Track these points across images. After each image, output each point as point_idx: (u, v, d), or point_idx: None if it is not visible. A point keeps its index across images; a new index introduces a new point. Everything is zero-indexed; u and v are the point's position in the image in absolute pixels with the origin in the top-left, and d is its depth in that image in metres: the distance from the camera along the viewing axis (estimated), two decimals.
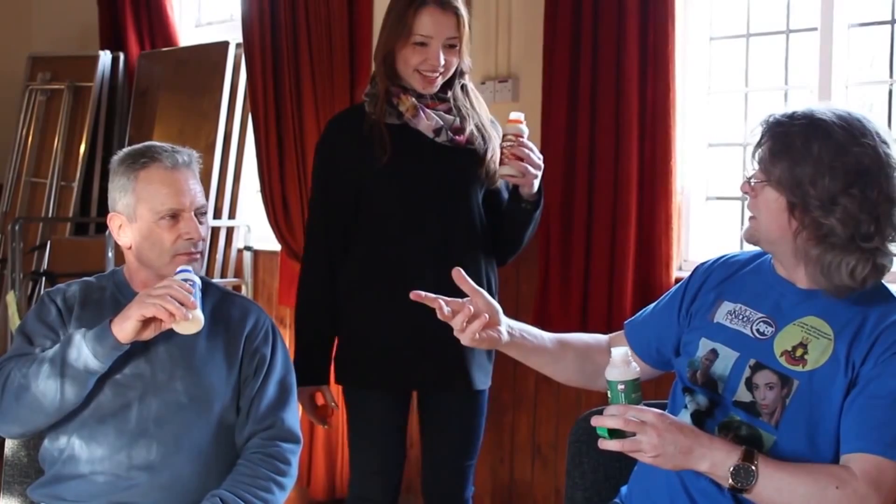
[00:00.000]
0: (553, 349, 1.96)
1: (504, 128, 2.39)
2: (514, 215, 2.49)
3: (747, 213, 1.79)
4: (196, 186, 2.07)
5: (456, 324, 1.79)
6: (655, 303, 2.03)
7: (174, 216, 2.02)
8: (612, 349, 1.68)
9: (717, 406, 1.77)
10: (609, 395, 1.67)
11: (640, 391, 1.68)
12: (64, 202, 5.03)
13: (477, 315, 1.79)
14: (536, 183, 2.40)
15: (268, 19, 3.99)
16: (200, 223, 2.06)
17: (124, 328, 1.90)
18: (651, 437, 1.60)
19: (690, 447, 1.61)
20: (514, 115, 2.36)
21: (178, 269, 1.99)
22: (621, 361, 1.67)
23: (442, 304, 1.79)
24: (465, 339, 1.80)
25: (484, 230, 2.52)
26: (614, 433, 1.63)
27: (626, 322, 2.06)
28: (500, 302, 1.90)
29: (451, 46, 2.40)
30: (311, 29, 3.84)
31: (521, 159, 2.33)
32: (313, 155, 2.56)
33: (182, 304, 1.88)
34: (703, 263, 1.97)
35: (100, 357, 1.91)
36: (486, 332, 1.81)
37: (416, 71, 2.39)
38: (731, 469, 1.60)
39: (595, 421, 1.65)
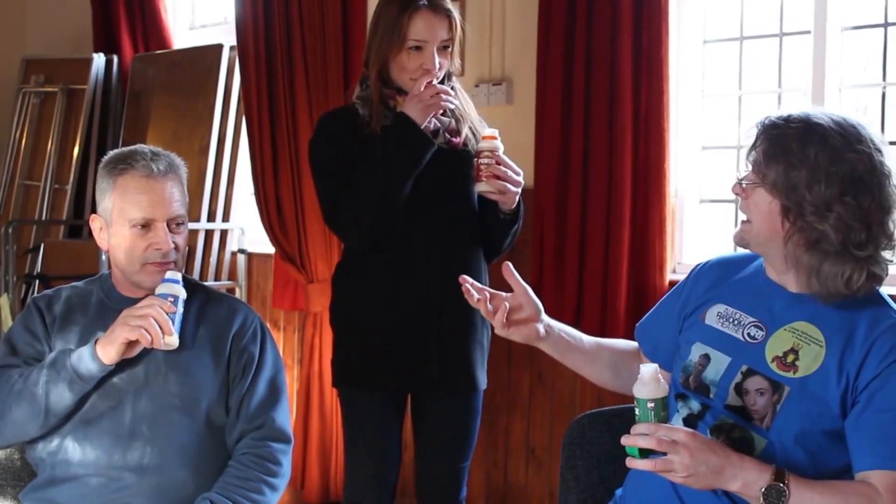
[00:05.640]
0: (590, 350, 1.98)
1: (479, 144, 2.40)
2: (492, 226, 2.50)
3: (741, 216, 1.78)
4: (175, 195, 2.04)
5: (497, 319, 1.85)
6: (658, 304, 2.04)
7: (146, 225, 2.02)
8: (641, 366, 1.66)
9: (708, 410, 1.77)
10: (637, 413, 1.65)
11: (668, 409, 1.66)
12: (57, 205, 5.01)
13: (516, 307, 1.87)
14: (516, 198, 2.41)
15: (262, 22, 3.99)
16: (177, 233, 2.04)
17: (109, 352, 1.93)
18: (683, 458, 1.58)
19: (722, 467, 1.59)
20: (488, 132, 2.39)
21: (166, 278, 1.99)
22: (651, 378, 1.64)
23: (487, 296, 1.86)
24: (497, 327, 1.86)
25: (478, 229, 2.53)
26: (644, 452, 1.61)
27: (636, 325, 2.07)
28: None
29: (445, 48, 2.41)
30: (304, 32, 3.84)
31: (500, 177, 2.35)
32: (308, 154, 2.53)
33: (161, 328, 1.91)
34: (699, 264, 1.97)
35: (86, 377, 1.94)
36: (524, 325, 1.87)
37: (411, 78, 2.40)
38: (763, 489, 1.59)
39: (626, 441, 1.63)
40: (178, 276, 2.00)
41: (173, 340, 1.93)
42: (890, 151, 1.69)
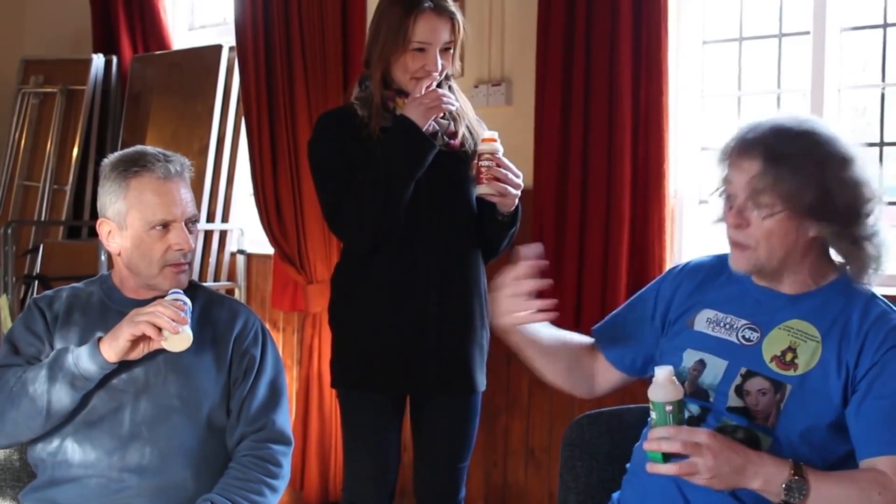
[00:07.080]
0: (547, 345, 1.95)
1: (479, 146, 2.40)
2: (491, 227, 2.50)
3: (738, 241, 1.73)
4: (187, 196, 2.06)
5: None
6: (623, 308, 2.02)
7: (165, 226, 2.02)
8: (656, 368, 1.64)
9: (709, 412, 1.77)
10: (654, 417, 1.63)
11: (685, 411, 1.65)
12: (57, 205, 5.01)
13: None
14: (516, 201, 2.41)
15: (261, 23, 4.00)
16: (192, 232, 2.06)
17: (113, 347, 1.92)
18: (707, 460, 1.57)
19: (743, 466, 1.59)
20: (488, 134, 2.39)
21: (171, 292, 2.01)
22: (667, 381, 1.62)
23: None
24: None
25: (476, 230, 2.53)
26: (666, 456, 1.59)
27: (593, 329, 2.04)
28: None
29: (446, 50, 2.42)
30: (304, 32, 3.84)
31: (500, 180, 2.35)
32: (308, 154, 2.52)
33: (172, 320, 1.90)
34: (672, 269, 1.98)
35: (88, 375, 1.94)
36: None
37: (412, 77, 2.40)
38: (784, 485, 1.59)
39: (647, 445, 1.61)
40: (181, 291, 2.02)
41: (187, 330, 1.92)
42: (862, 150, 1.72)
